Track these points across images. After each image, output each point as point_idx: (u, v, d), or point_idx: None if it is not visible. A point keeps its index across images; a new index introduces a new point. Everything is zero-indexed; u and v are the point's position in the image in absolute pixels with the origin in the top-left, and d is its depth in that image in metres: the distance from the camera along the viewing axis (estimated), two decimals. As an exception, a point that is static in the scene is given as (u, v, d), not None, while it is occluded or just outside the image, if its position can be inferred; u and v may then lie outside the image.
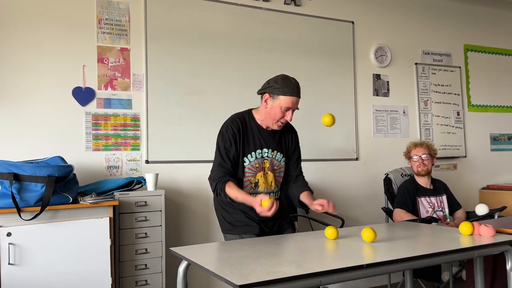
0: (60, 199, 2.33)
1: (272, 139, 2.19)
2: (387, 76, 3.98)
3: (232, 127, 2.12)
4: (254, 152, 2.14)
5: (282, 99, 2.04)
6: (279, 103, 2.05)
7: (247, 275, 1.34)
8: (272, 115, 2.10)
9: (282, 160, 2.23)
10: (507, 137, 4.61)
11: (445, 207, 3.20)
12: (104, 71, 2.95)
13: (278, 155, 2.21)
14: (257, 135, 2.16)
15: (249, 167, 2.13)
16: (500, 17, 4.67)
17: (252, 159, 2.14)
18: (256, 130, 2.17)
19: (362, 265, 1.46)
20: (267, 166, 2.17)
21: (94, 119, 2.90)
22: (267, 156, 2.17)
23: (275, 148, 2.19)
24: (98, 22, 2.96)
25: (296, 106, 2.09)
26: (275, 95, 2.05)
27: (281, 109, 2.06)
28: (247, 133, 2.14)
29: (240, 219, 2.17)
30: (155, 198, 2.66)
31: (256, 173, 2.15)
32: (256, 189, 2.16)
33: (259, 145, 2.15)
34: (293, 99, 2.05)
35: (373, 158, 3.86)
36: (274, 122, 2.12)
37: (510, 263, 1.80)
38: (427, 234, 2.02)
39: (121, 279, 2.54)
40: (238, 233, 2.16)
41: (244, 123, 2.16)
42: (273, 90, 2.06)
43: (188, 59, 3.18)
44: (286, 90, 2.03)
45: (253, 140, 2.14)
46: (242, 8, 3.39)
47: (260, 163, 2.15)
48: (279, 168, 2.22)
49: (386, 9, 4.03)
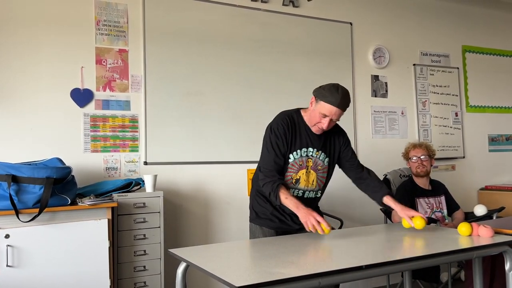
0: (59, 200, 2.32)
1: (318, 139, 2.23)
2: (386, 77, 3.98)
3: (283, 124, 2.17)
4: (300, 150, 2.19)
5: (322, 105, 2.08)
6: (319, 108, 2.10)
7: (246, 276, 1.34)
8: (312, 117, 2.16)
9: (326, 161, 2.27)
10: (505, 138, 4.61)
11: (443, 208, 3.20)
12: (103, 72, 2.95)
13: (322, 156, 2.25)
14: (304, 133, 2.21)
15: (293, 164, 2.18)
16: (498, 18, 4.68)
17: (297, 157, 2.18)
18: (303, 129, 2.21)
19: (361, 266, 1.46)
20: (311, 165, 2.22)
21: (93, 120, 2.90)
22: (312, 155, 2.21)
23: (320, 148, 2.23)
24: (97, 24, 2.96)
25: (335, 117, 2.10)
26: (319, 99, 2.10)
27: (319, 114, 2.10)
28: (295, 130, 2.19)
29: (265, 212, 2.25)
30: (153, 199, 2.65)
31: (298, 170, 2.19)
32: (297, 185, 2.21)
33: (305, 144, 2.20)
34: (332, 109, 2.07)
35: (371, 159, 3.85)
36: (312, 125, 2.18)
37: (509, 263, 1.80)
38: (426, 235, 2.02)
39: (119, 280, 2.54)
40: (260, 224, 2.27)
41: (293, 121, 2.21)
42: (318, 94, 2.12)
43: (187, 60, 3.18)
44: (328, 99, 2.07)
45: (299, 138, 2.19)
46: (241, 9, 3.39)
47: (304, 161, 2.19)
48: (322, 169, 2.27)
49: (384, 10, 4.04)
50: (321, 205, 3.54)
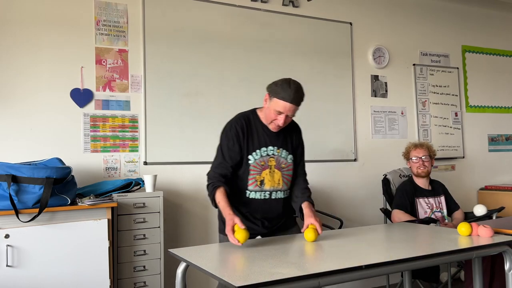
0: (58, 200, 2.32)
1: (277, 137, 2.18)
2: (385, 77, 3.98)
3: (236, 126, 2.12)
4: (259, 150, 2.13)
5: (276, 102, 2.03)
6: (273, 105, 2.05)
7: (246, 276, 1.34)
8: (267, 115, 2.10)
9: (289, 158, 2.21)
10: (505, 138, 4.62)
11: (443, 208, 3.20)
12: (102, 72, 2.95)
13: (284, 153, 2.19)
14: (261, 133, 2.15)
15: (254, 165, 2.12)
16: (497, 18, 4.68)
17: (257, 157, 2.13)
18: (260, 129, 2.16)
19: (361, 266, 1.46)
20: (274, 164, 2.16)
21: (92, 120, 2.90)
22: (273, 154, 2.16)
23: (280, 146, 2.18)
24: (96, 24, 2.96)
25: (290, 113, 2.05)
26: (272, 96, 2.05)
27: (274, 111, 2.05)
28: (252, 131, 2.14)
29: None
30: (153, 199, 2.66)
31: (261, 171, 2.13)
32: (262, 186, 2.14)
33: (264, 143, 2.15)
34: (285, 105, 2.02)
35: (371, 159, 3.86)
36: (268, 122, 2.12)
37: (509, 263, 1.80)
38: (426, 235, 2.02)
39: (119, 280, 2.54)
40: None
41: (248, 122, 2.16)
42: (271, 91, 2.07)
43: (186, 60, 3.18)
44: (281, 95, 2.02)
45: (257, 138, 2.14)
46: (241, 9, 3.39)
47: (265, 161, 2.14)
48: (286, 166, 2.20)
49: (384, 10, 4.04)
50: (320, 206, 3.56)
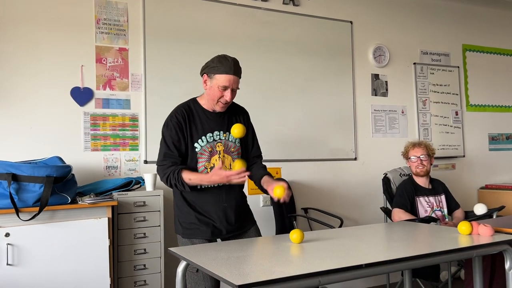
0: (59, 199, 2.32)
1: (222, 121, 2.11)
2: (386, 76, 3.98)
3: (177, 116, 2.07)
4: (205, 136, 2.07)
5: (218, 78, 1.99)
6: (216, 83, 2.00)
7: (246, 275, 1.34)
8: (211, 95, 2.04)
9: (237, 141, 2.14)
10: (506, 137, 4.61)
11: (443, 206, 3.20)
12: (103, 71, 2.95)
13: (231, 137, 2.11)
14: (204, 119, 2.09)
15: (201, 152, 2.05)
16: (498, 17, 4.68)
17: (203, 144, 2.06)
18: (203, 115, 2.10)
19: (361, 265, 1.46)
20: (222, 149, 2.09)
21: (93, 119, 2.90)
22: (219, 138, 2.09)
23: (226, 130, 2.10)
24: (97, 22, 2.95)
25: (234, 85, 2.02)
26: (212, 74, 2.02)
27: (219, 89, 2.00)
28: (194, 119, 2.08)
29: (191, 220, 2.07)
30: (153, 198, 2.66)
31: (210, 158, 2.06)
32: None
33: (209, 129, 2.08)
34: (229, 77, 1.99)
35: (371, 158, 3.86)
36: (215, 103, 2.05)
37: (509, 262, 1.80)
38: (426, 233, 2.02)
39: (120, 279, 2.54)
40: (188, 236, 2.07)
41: (190, 110, 2.10)
42: (209, 70, 2.03)
43: (187, 59, 3.18)
44: (222, 69, 1.99)
45: (201, 125, 2.07)
46: (241, 8, 3.39)
47: (212, 146, 2.07)
48: (236, 150, 2.13)
49: (384, 9, 4.04)
50: (321, 204, 3.56)
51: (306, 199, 3.55)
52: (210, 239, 2.07)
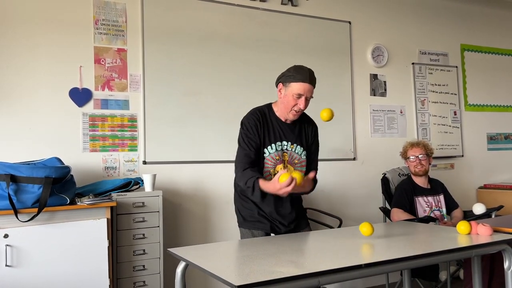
0: (58, 200, 2.32)
1: (292, 132, 2.19)
2: (384, 76, 3.99)
3: (254, 118, 2.13)
4: (274, 144, 2.14)
5: (294, 86, 2.05)
6: (291, 91, 2.06)
7: (246, 275, 1.34)
8: (285, 103, 2.10)
9: (303, 154, 2.21)
10: (504, 137, 4.62)
11: (442, 206, 3.20)
12: (101, 71, 2.95)
13: (298, 149, 2.19)
14: (276, 127, 2.16)
15: (269, 159, 2.13)
16: (496, 16, 4.69)
17: (272, 151, 2.13)
18: (275, 123, 2.17)
19: (360, 265, 1.46)
20: (287, 159, 2.16)
21: (91, 120, 2.90)
22: (286, 149, 2.16)
23: (294, 141, 2.18)
24: (95, 23, 2.95)
25: (309, 94, 2.08)
26: (287, 83, 2.07)
27: (293, 97, 2.06)
28: (267, 125, 2.15)
29: (253, 214, 2.20)
30: (152, 199, 2.65)
31: (275, 165, 2.14)
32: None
33: (279, 138, 2.15)
34: (304, 86, 2.05)
35: (370, 158, 3.86)
36: (289, 111, 2.11)
37: (508, 262, 1.81)
38: (425, 233, 2.02)
39: (119, 280, 2.54)
40: (249, 227, 2.20)
41: (264, 116, 2.16)
42: (285, 79, 2.09)
43: (185, 59, 3.18)
44: (297, 77, 2.05)
45: (273, 132, 2.14)
46: (239, 8, 3.39)
47: (280, 155, 2.14)
48: (299, 162, 2.20)
49: (383, 9, 4.04)
50: (320, 204, 3.56)
51: (305, 199, 3.54)
52: (269, 232, 2.19)
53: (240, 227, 2.26)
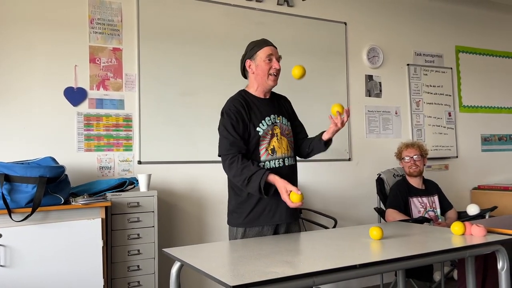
0: (52, 200, 2.31)
1: (274, 106, 2.21)
2: (380, 77, 4.00)
3: (234, 104, 2.11)
4: (264, 120, 2.14)
5: (261, 52, 2.12)
6: (260, 58, 2.12)
7: (241, 276, 1.34)
8: (261, 72, 2.13)
9: (288, 124, 2.25)
10: (498, 138, 4.65)
11: (436, 207, 3.22)
12: (96, 71, 2.94)
13: (284, 120, 2.22)
14: (259, 104, 2.17)
15: (264, 135, 2.12)
16: (491, 18, 4.72)
17: (264, 127, 2.12)
18: (257, 101, 2.17)
19: (355, 265, 1.47)
20: (279, 132, 2.17)
21: (86, 119, 2.89)
22: (275, 121, 2.17)
23: (279, 113, 2.21)
24: (90, 22, 2.94)
25: (276, 55, 2.15)
26: (254, 54, 2.14)
27: (265, 62, 2.11)
28: (251, 106, 2.14)
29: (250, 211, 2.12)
30: (147, 199, 2.65)
31: (270, 140, 2.13)
32: (274, 154, 2.11)
33: (266, 113, 2.15)
34: (270, 48, 2.13)
35: (365, 159, 3.87)
36: (267, 77, 2.13)
37: (501, 262, 1.82)
38: (419, 234, 2.03)
39: (113, 280, 2.53)
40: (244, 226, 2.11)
41: (244, 99, 2.16)
42: (250, 53, 2.16)
43: (181, 59, 3.17)
44: (260, 44, 2.14)
45: (258, 110, 2.14)
46: (235, 8, 3.39)
47: (271, 129, 2.14)
48: (289, 133, 2.24)
49: (378, 10, 4.06)
50: (315, 205, 3.57)
51: (300, 200, 3.54)
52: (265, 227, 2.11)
53: (230, 225, 2.18)
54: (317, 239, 1.94)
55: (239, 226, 2.13)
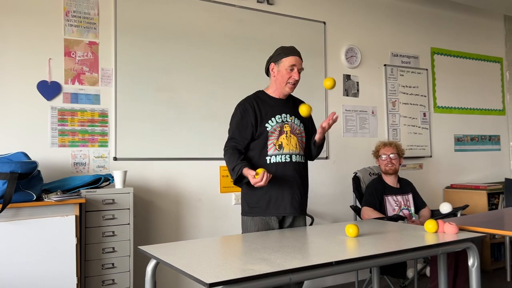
0: (23, 196, 2.25)
1: (288, 106, 2.36)
2: (357, 77, 4.04)
3: (245, 104, 2.31)
4: (274, 117, 2.29)
5: (285, 60, 2.26)
6: (283, 65, 2.27)
7: (217, 273, 1.33)
8: (280, 79, 2.29)
9: (301, 125, 2.38)
10: (470, 138, 4.77)
11: (411, 205, 3.28)
12: (71, 65, 2.87)
13: (296, 120, 2.36)
14: (273, 104, 2.33)
15: (272, 131, 2.27)
16: (465, 22, 4.83)
17: (273, 124, 2.28)
18: (271, 101, 2.34)
19: (331, 263, 1.48)
20: (289, 130, 2.30)
21: (60, 114, 2.82)
22: (287, 120, 2.32)
23: (292, 114, 2.35)
24: (65, 14, 2.87)
25: (300, 66, 2.29)
26: (279, 60, 2.28)
27: (287, 70, 2.26)
28: (263, 104, 2.31)
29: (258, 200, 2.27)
30: (123, 196, 2.61)
31: (278, 136, 2.28)
32: (281, 150, 2.27)
33: (278, 111, 2.31)
34: (295, 58, 2.27)
35: (342, 157, 3.91)
36: (285, 85, 2.30)
37: (472, 259, 1.86)
38: (394, 231, 2.06)
39: (87, 278, 2.48)
40: (253, 215, 2.27)
41: (258, 98, 2.34)
42: (276, 58, 2.30)
43: (160, 55, 3.13)
44: (287, 52, 2.27)
45: (270, 108, 2.31)
46: (216, 5, 3.37)
47: (281, 127, 2.29)
48: (300, 132, 2.36)
49: (357, 11, 4.10)
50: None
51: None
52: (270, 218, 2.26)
53: (243, 215, 2.32)
54: (294, 237, 1.95)
55: (246, 215, 2.30)
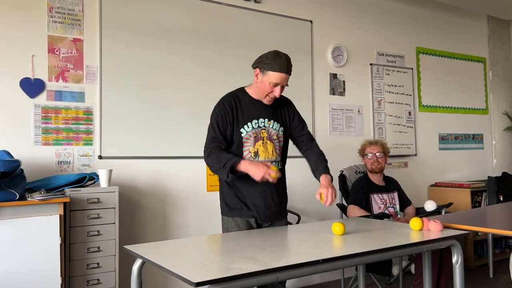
0: (6, 195, 2.21)
1: (267, 110, 2.23)
2: (343, 76, 4.07)
3: (224, 103, 2.17)
4: (250, 122, 2.17)
5: (271, 75, 2.10)
6: (268, 79, 2.11)
7: (204, 272, 1.33)
8: (261, 89, 2.15)
9: (280, 130, 2.26)
10: (454, 137, 4.84)
11: (396, 203, 3.31)
12: (55, 62, 2.82)
13: (275, 125, 2.24)
14: (251, 106, 2.20)
15: (247, 137, 2.16)
16: (450, 22, 4.89)
17: (249, 130, 2.17)
18: (250, 103, 2.20)
19: (318, 260, 1.49)
20: (266, 136, 2.21)
21: (44, 112, 2.77)
22: (264, 125, 2.20)
23: (271, 118, 2.23)
24: (49, 11, 2.82)
25: (284, 83, 2.14)
26: (265, 70, 2.11)
27: (269, 85, 2.11)
28: (241, 106, 2.18)
29: (237, 201, 2.19)
30: (108, 195, 2.58)
31: (254, 143, 2.17)
32: (256, 158, 2.17)
33: (255, 116, 2.19)
34: (281, 76, 2.10)
35: (328, 156, 3.89)
36: (263, 97, 2.17)
37: (456, 256, 1.89)
38: (380, 229, 2.08)
39: (71, 278, 2.45)
40: (232, 215, 2.19)
41: (237, 98, 2.20)
42: (263, 66, 2.13)
43: (145, 52, 3.10)
44: (275, 67, 2.09)
45: (247, 112, 2.18)
46: (202, 2, 3.35)
47: (257, 132, 2.18)
48: (278, 138, 2.25)
49: (343, 10, 4.12)
50: (279, 201, 3.57)
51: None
52: (250, 219, 2.19)
53: (223, 215, 2.24)
54: (280, 235, 1.95)
55: (227, 215, 2.22)
